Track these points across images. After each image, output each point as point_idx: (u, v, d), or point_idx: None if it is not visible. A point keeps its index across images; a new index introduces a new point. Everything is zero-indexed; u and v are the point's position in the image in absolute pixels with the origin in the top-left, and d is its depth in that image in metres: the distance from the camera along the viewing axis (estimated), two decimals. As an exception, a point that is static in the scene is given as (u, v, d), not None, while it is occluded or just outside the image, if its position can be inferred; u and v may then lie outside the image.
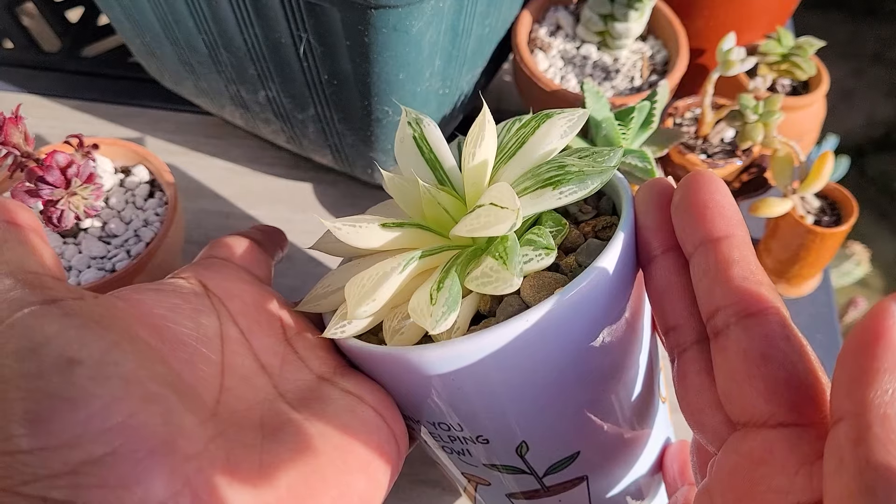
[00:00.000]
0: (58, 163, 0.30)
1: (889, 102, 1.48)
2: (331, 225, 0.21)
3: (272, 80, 0.36)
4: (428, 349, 0.20)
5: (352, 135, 0.37)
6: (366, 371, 0.23)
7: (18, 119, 0.30)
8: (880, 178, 1.38)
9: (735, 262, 0.19)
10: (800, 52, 0.40)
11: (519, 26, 0.42)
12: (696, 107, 0.41)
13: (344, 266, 0.24)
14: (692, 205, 0.20)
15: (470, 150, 0.22)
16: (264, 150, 0.48)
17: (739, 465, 0.18)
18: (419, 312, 0.19)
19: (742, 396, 0.18)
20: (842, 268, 0.81)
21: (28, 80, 0.51)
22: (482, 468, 0.24)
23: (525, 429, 0.22)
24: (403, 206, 0.23)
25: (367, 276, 0.21)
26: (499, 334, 0.19)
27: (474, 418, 0.22)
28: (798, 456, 0.17)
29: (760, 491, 0.17)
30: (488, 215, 0.19)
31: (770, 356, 0.17)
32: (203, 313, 0.22)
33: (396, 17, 0.28)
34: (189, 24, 0.35)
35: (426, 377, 0.20)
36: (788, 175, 0.38)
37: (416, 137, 0.24)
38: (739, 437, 0.18)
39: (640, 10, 0.40)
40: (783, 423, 0.17)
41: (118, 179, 0.36)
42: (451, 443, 0.24)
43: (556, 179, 0.20)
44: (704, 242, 0.19)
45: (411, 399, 0.22)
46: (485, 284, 0.19)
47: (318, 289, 0.24)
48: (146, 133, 0.48)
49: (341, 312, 0.22)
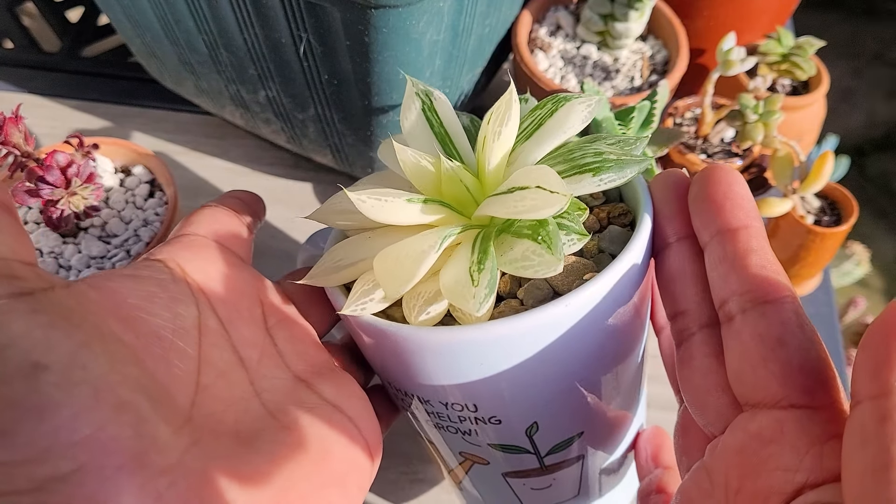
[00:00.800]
0: (58, 163, 0.30)
1: (889, 102, 1.48)
2: (354, 196, 0.20)
3: (272, 80, 0.36)
4: (464, 331, 0.19)
5: (352, 135, 0.37)
6: (374, 349, 0.23)
7: (18, 119, 0.30)
8: (880, 178, 1.38)
9: (753, 251, 0.19)
10: (800, 52, 0.40)
11: (519, 26, 0.42)
12: (696, 107, 0.41)
13: (354, 240, 0.23)
14: (711, 195, 0.20)
15: (495, 128, 0.21)
16: (264, 150, 0.48)
17: (747, 444, 0.18)
18: (458, 294, 0.19)
19: (756, 378, 0.18)
20: (842, 268, 0.81)
21: (28, 80, 0.51)
22: (485, 448, 0.24)
23: (540, 410, 0.23)
24: (414, 181, 0.22)
25: (404, 255, 0.20)
26: (540, 317, 0.19)
27: (493, 399, 0.22)
28: (809, 436, 0.17)
29: (768, 469, 0.17)
30: (535, 198, 0.19)
31: (785, 341, 0.18)
32: (181, 302, 0.21)
33: (396, 17, 0.28)
34: (189, 24, 0.35)
35: (454, 358, 0.20)
36: (788, 175, 0.38)
37: (425, 109, 0.23)
38: (748, 417, 0.18)
39: (640, 10, 0.40)
40: (795, 404, 0.18)
41: (118, 179, 0.36)
42: (460, 423, 0.23)
43: (596, 166, 0.20)
44: (722, 231, 0.20)
45: (426, 380, 0.22)
46: (525, 268, 0.19)
47: (326, 262, 0.23)
48: (146, 133, 0.48)
49: (363, 289, 0.21)
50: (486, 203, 0.20)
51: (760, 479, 0.18)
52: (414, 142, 0.23)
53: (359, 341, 0.24)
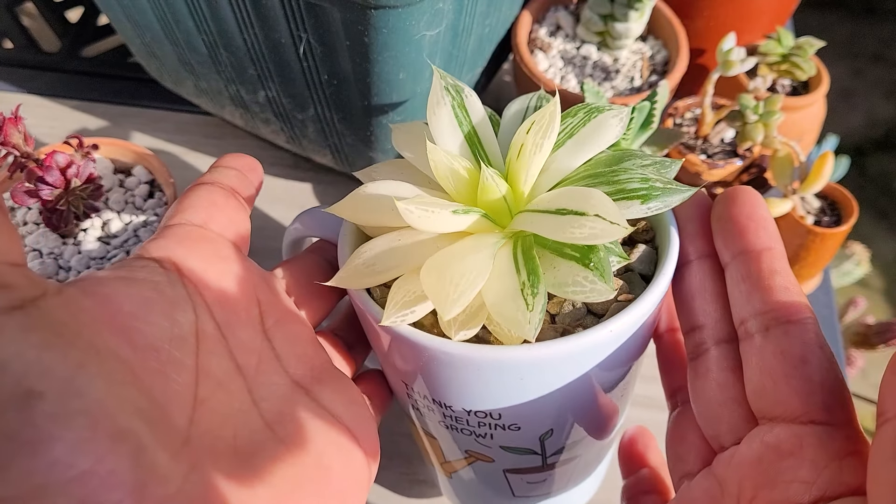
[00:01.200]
0: (57, 163, 0.30)
1: (889, 102, 1.48)
2: (402, 207, 0.19)
3: (272, 80, 0.36)
4: (511, 351, 0.20)
5: (352, 135, 0.37)
6: (405, 358, 0.22)
7: (18, 119, 0.30)
8: (880, 178, 1.37)
9: (776, 272, 0.20)
10: (800, 52, 0.40)
11: (519, 26, 0.42)
12: (696, 107, 0.41)
13: (385, 243, 0.22)
14: (735, 216, 0.21)
15: (537, 139, 0.21)
16: (264, 150, 0.48)
17: (765, 455, 0.19)
18: (511, 318, 0.19)
19: (777, 393, 0.19)
20: (842, 268, 0.81)
21: (28, 80, 0.51)
22: (495, 449, 0.25)
23: (560, 418, 0.23)
24: (444, 183, 0.22)
25: (458, 273, 0.19)
26: (584, 342, 0.20)
27: (520, 410, 0.22)
28: (828, 452, 0.18)
29: (785, 480, 0.18)
30: (594, 227, 0.19)
31: (808, 359, 0.19)
32: (178, 307, 0.20)
33: (396, 17, 0.28)
34: (189, 24, 0.35)
35: (495, 375, 0.21)
36: (788, 175, 0.38)
37: (455, 107, 0.22)
38: (766, 430, 0.19)
39: (640, 10, 0.40)
40: (815, 420, 0.18)
41: (118, 180, 0.36)
42: (477, 427, 0.24)
43: (644, 193, 0.20)
44: (746, 252, 0.21)
45: (456, 390, 0.22)
46: (576, 293, 0.19)
47: (357, 264, 0.21)
48: (146, 133, 0.48)
49: (403, 300, 0.20)
50: (532, 220, 0.20)
51: (777, 490, 0.18)
52: (441, 139, 0.22)
53: (380, 344, 0.23)
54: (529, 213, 0.21)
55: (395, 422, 0.37)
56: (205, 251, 0.22)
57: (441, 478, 0.32)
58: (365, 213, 0.22)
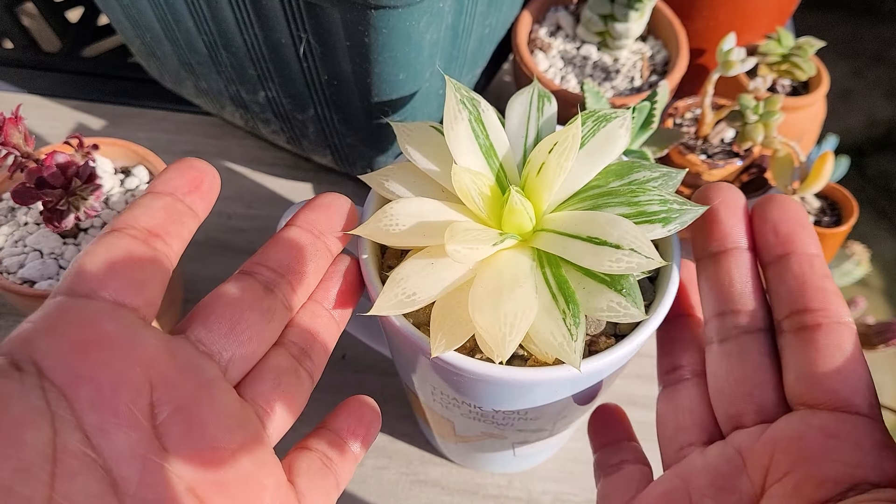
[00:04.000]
0: (58, 163, 0.30)
1: (889, 102, 1.48)
2: (452, 248, 0.20)
3: (272, 80, 0.36)
4: (558, 370, 0.21)
5: (352, 135, 0.37)
6: (440, 376, 0.24)
7: (18, 119, 0.30)
8: (880, 178, 1.37)
9: (828, 276, 0.23)
10: (800, 52, 0.40)
11: (519, 26, 0.42)
12: (696, 107, 0.41)
13: (422, 270, 0.21)
14: (788, 220, 0.23)
15: (561, 161, 0.22)
16: (264, 150, 0.48)
17: (808, 434, 0.20)
18: (559, 349, 0.20)
19: (828, 381, 0.21)
20: (842, 268, 0.81)
21: (28, 80, 0.51)
22: (511, 430, 0.27)
23: (575, 407, 0.26)
24: (468, 202, 0.22)
25: (511, 312, 0.20)
26: (613, 357, 0.22)
27: (546, 408, 0.25)
28: (873, 440, 0.19)
29: (828, 459, 0.19)
30: (630, 261, 0.20)
31: (855, 357, 0.21)
32: (28, 426, 0.16)
33: (396, 18, 0.28)
34: (189, 25, 0.35)
35: (540, 389, 0.23)
36: (788, 175, 0.38)
37: (472, 121, 0.23)
38: (808, 414, 0.21)
39: (640, 10, 0.40)
40: (860, 412, 0.20)
41: (118, 180, 0.36)
42: (501, 419, 0.26)
43: (664, 216, 0.22)
44: (799, 253, 0.23)
45: (495, 400, 0.24)
46: (612, 316, 0.21)
47: (397, 294, 0.21)
48: (146, 133, 0.48)
49: (452, 332, 0.21)
50: (564, 244, 0.21)
51: (818, 467, 0.19)
52: (460, 155, 0.23)
53: (412, 362, 0.25)
54: (559, 236, 0.22)
55: (395, 421, 0.37)
56: (80, 335, 0.18)
57: (443, 442, 0.34)
58: (393, 237, 0.22)
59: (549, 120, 0.25)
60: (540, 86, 0.26)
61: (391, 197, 0.23)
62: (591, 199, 0.23)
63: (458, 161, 0.22)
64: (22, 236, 0.33)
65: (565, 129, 0.22)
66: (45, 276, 0.32)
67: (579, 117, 0.22)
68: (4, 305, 0.40)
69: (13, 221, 0.34)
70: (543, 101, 0.25)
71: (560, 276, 0.21)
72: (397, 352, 0.26)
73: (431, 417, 0.30)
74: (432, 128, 0.24)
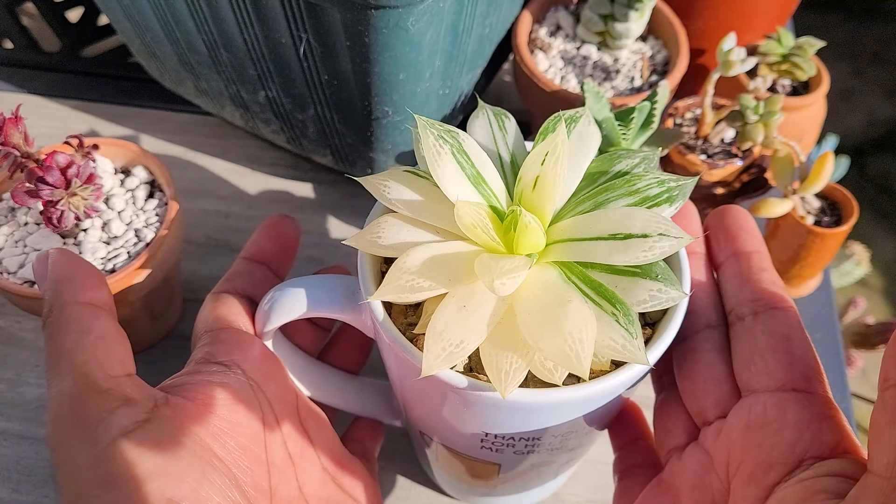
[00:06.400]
0: (58, 163, 0.30)
1: (889, 102, 1.48)
2: (498, 284, 0.19)
3: (272, 80, 0.36)
4: (619, 374, 0.21)
5: (352, 135, 0.37)
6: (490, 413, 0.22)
7: (18, 119, 0.30)
8: (880, 178, 1.37)
9: (765, 269, 0.24)
10: (800, 52, 0.40)
11: (519, 26, 0.42)
12: (696, 107, 0.41)
13: (458, 314, 0.21)
14: (729, 226, 0.25)
15: (555, 170, 0.21)
16: (264, 150, 0.48)
17: (752, 422, 0.21)
18: (623, 350, 0.20)
19: (764, 364, 0.22)
20: (842, 268, 0.81)
21: (28, 80, 0.51)
22: (563, 453, 0.27)
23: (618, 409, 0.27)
24: (472, 232, 0.22)
25: (577, 329, 0.19)
26: (674, 325, 0.22)
27: (604, 413, 0.24)
28: (809, 414, 0.20)
29: (771, 443, 0.20)
30: (662, 245, 0.20)
31: (791, 337, 0.22)
32: (253, 407, 0.24)
33: (396, 17, 0.28)
34: (189, 24, 0.35)
35: (614, 393, 0.23)
36: (788, 175, 0.38)
37: (454, 153, 0.22)
38: (752, 400, 0.22)
39: (640, 10, 0.40)
40: (796, 388, 0.21)
41: (118, 180, 0.36)
42: (557, 444, 0.25)
43: (668, 196, 0.22)
44: (738, 254, 0.25)
45: (563, 419, 0.23)
46: (655, 304, 0.21)
47: (445, 347, 0.20)
48: (146, 133, 0.48)
49: (513, 367, 0.20)
50: (588, 249, 0.21)
51: (763, 452, 0.21)
52: (449, 186, 0.22)
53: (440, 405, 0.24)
54: (576, 243, 0.21)
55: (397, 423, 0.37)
56: (255, 354, 0.25)
57: (473, 488, 0.32)
58: (419, 293, 0.21)
59: (515, 137, 0.25)
60: (489, 106, 0.25)
61: (392, 206, 0.23)
62: (589, 199, 0.23)
63: (450, 195, 0.22)
64: (22, 236, 0.33)
65: (551, 138, 0.21)
66: (45, 276, 0.32)
67: (562, 121, 0.22)
68: (4, 305, 0.40)
69: (13, 221, 0.34)
70: (502, 118, 0.25)
71: (592, 282, 0.21)
72: (438, 413, 0.24)
73: (469, 468, 0.29)
74: (407, 172, 0.23)
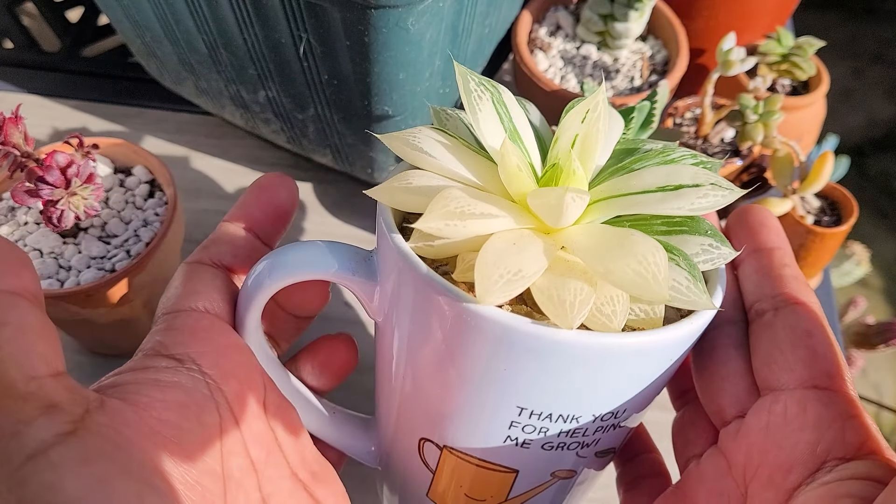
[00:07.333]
0: (58, 163, 0.30)
1: (889, 102, 1.48)
2: (570, 199, 0.18)
3: (272, 80, 0.36)
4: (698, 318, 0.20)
5: (352, 135, 0.37)
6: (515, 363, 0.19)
7: (18, 119, 0.30)
8: (880, 178, 1.37)
9: (787, 265, 0.23)
10: (800, 52, 0.40)
11: (519, 26, 0.42)
12: (696, 107, 0.41)
13: (508, 249, 0.19)
14: (750, 222, 0.25)
15: (597, 125, 0.21)
16: (264, 150, 0.48)
17: (772, 422, 0.20)
18: (687, 292, 0.19)
19: (785, 360, 0.21)
20: (842, 268, 0.81)
21: (28, 80, 0.51)
22: (590, 458, 0.24)
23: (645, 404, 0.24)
24: (512, 178, 0.20)
25: (650, 253, 0.18)
26: (721, 282, 0.22)
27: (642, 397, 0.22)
28: (830, 414, 0.19)
29: (791, 443, 0.19)
30: (715, 194, 0.20)
31: (813, 333, 0.21)
32: (205, 410, 0.20)
33: (396, 17, 0.28)
34: (189, 24, 0.35)
35: (663, 356, 0.21)
36: (788, 175, 0.38)
37: (495, 102, 0.22)
38: (772, 399, 0.21)
39: (640, 10, 0.40)
40: (817, 385, 0.20)
41: (118, 179, 0.36)
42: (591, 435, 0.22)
43: (708, 165, 0.22)
44: (759, 250, 0.24)
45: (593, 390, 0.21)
46: (707, 261, 0.20)
47: (502, 275, 0.18)
48: (146, 133, 0.48)
49: (573, 295, 0.18)
50: (640, 201, 0.20)
51: (782, 453, 0.19)
52: (488, 134, 0.21)
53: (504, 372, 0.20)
54: (623, 198, 0.20)
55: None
56: (217, 343, 0.22)
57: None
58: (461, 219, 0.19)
59: (538, 115, 0.24)
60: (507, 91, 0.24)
61: (418, 160, 0.21)
62: (624, 168, 0.21)
63: (488, 143, 0.21)
64: (22, 236, 0.33)
65: (590, 97, 0.21)
66: (44, 275, 0.32)
67: (604, 83, 0.22)
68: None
69: (13, 221, 0.34)
70: (522, 102, 0.24)
71: (647, 230, 0.20)
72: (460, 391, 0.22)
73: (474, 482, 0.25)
74: (435, 129, 0.22)
